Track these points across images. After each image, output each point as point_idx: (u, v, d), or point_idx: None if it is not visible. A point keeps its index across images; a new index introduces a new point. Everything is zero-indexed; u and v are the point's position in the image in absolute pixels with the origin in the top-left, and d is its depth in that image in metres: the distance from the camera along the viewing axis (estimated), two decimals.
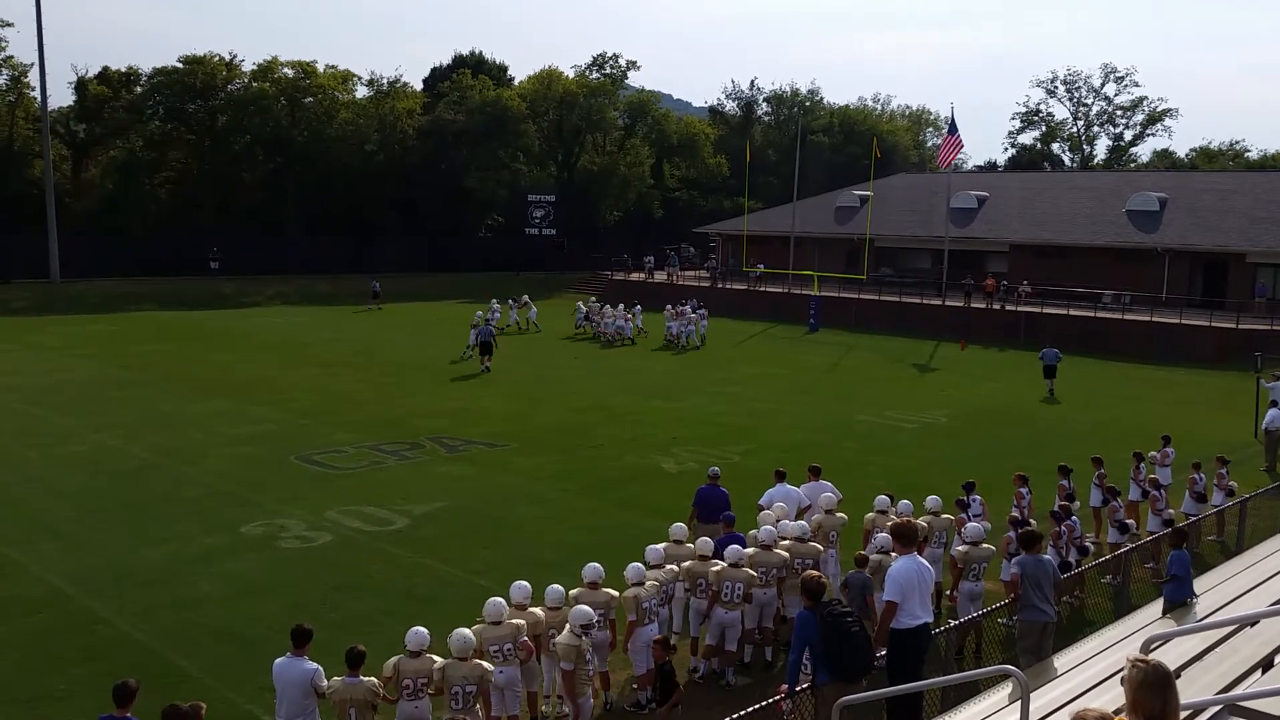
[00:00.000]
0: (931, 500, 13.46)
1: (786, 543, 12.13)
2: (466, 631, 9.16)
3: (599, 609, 10.26)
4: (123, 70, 65.22)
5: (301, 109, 67.77)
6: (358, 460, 21.09)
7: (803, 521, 12.84)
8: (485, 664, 9.01)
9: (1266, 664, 6.93)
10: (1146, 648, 5.24)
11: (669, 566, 11.61)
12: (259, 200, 65.94)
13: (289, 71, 67.72)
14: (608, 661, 10.75)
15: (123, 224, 60.84)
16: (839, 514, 13.40)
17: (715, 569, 11.44)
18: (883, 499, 13.28)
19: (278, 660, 8.88)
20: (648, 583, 10.79)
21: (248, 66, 66.93)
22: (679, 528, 12.66)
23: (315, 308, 52.48)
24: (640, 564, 11.03)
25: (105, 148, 64.01)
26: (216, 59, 65.66)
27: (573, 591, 10.47)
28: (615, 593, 10.59)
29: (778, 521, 12.72)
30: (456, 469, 20.71)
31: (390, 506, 17.70)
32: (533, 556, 15.19)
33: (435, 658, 9.01)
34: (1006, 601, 10.88)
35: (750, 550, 11.74)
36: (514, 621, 9.70)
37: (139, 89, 65.07)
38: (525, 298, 47.40)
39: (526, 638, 9.66)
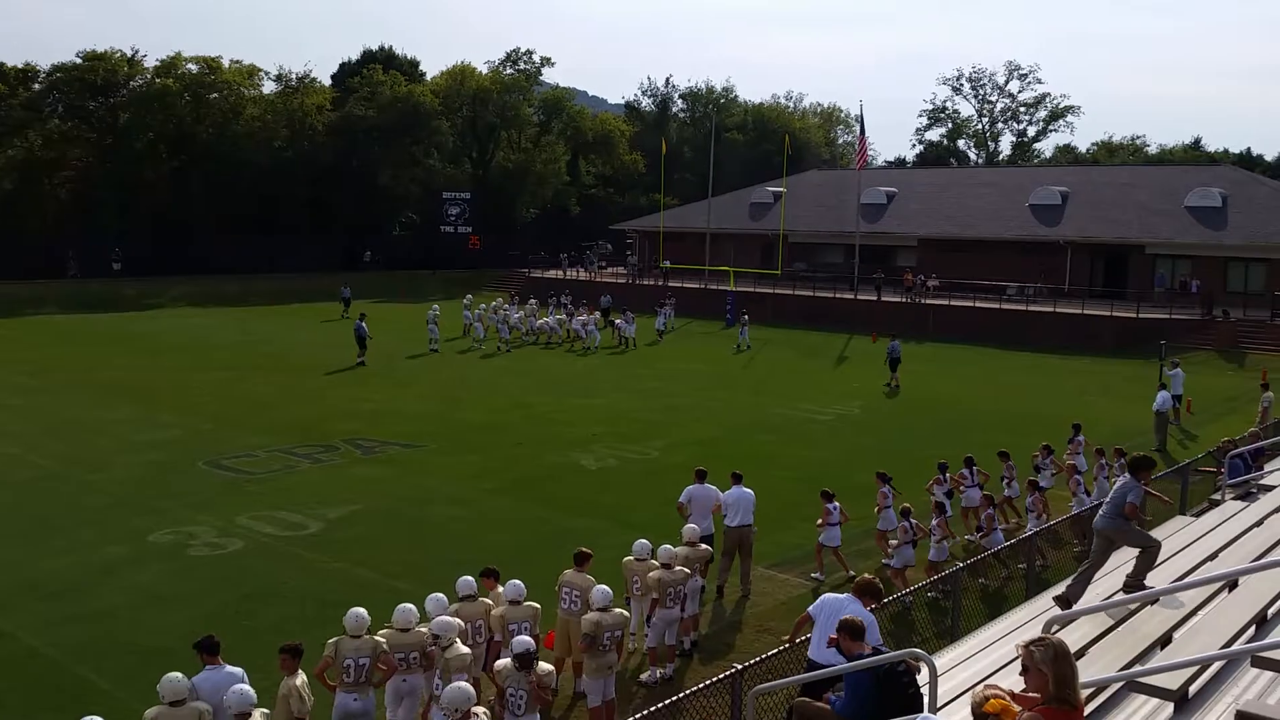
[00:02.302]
0: (663, 550, 11.86)
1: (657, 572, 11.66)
2: (360, 611, 9.34)
3: (524, 621, 10.13)
4: (19, 67, 62.85)
5: (206, 105, 66.08)
6: (269, 464, 20.66)
7: (667, 546, 12.07)
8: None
9: (1166, 640, 7.20)
10: (1049, 628, 5.40)
11: (679, 568, 11.63)
12: (163, 199, 64.10)
13: (193, 67, 66.00)
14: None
15: (21, 225, 58.65)
16: (704, 546, 12.88)
17: (655, 574, 11.46)
18: (642, 544, 11.97)
19: (198, 676, 8.58)
20: (524, 603, 10.42)
21: (150, 62, 65.14)
22: (691, 529, 12.78)
23: (223, 309, 51.24)
24: (519, 582, 10.54)
25: (2, 147, 61.60)
26: (118, 55, 63.68)
27: (452, 606, 10.19)
28: (538, 606, 10.39)
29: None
30: (373, 470, 20.43)
31: (304, 511, 17.37)
32: (451, 557, 15.02)
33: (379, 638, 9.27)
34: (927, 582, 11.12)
35: (655, 574, 11.49)
36: (421, 629, 9.60)
37: (37, 86, 62.79)
38: (533, 302, 46.32)
39: (432, 648, 9.53)
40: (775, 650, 8.76)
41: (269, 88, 70.99)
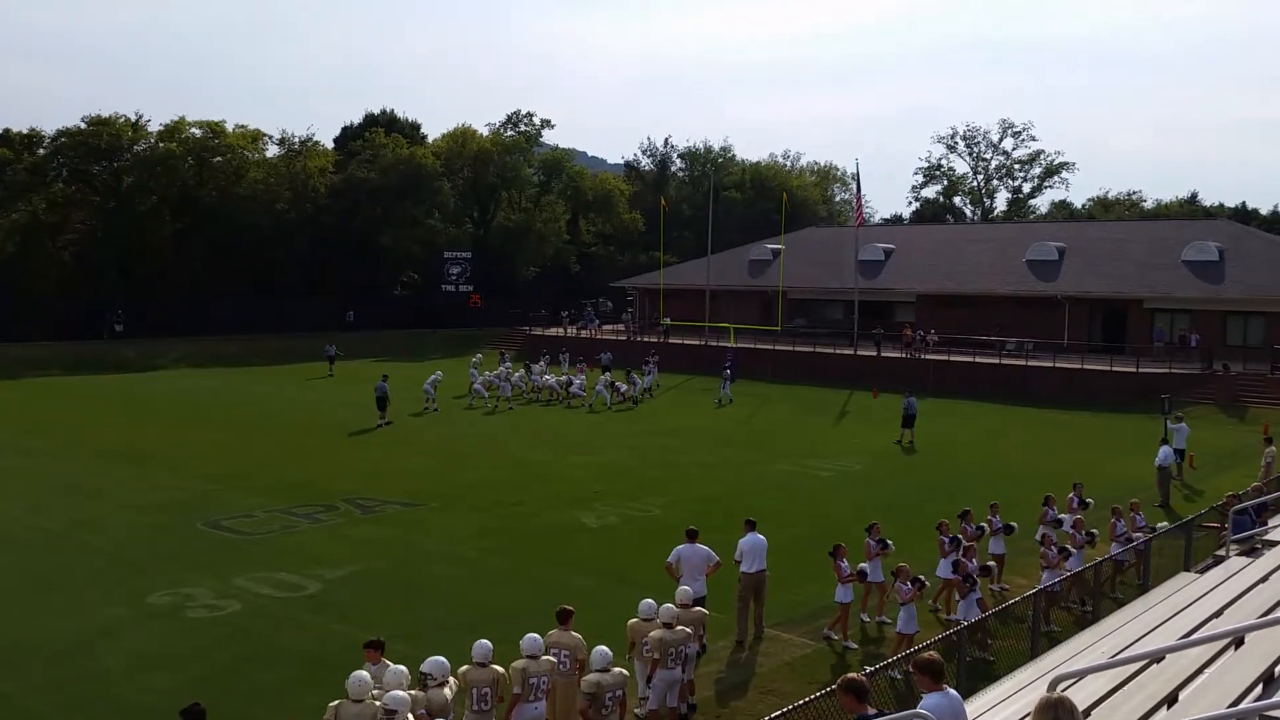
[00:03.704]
0: (666, 609, 11.71)
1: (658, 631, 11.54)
2: (363, 674, 9.26)
3: (485, 685, 9.94)
4: (25, 132, 63.61)
5: (210, 169, 66.76)
6: (268, 525, 20.56)
7: (670, 605, 11.97)
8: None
9: (1172, 700, 7.11)
10: (1054, 686, 5.35)
11: (680, 628, 11.51)
12: (166, 261, 64.52)
13: (197, 131, 66.73)
14: None
15: (25, 288, 58.95)
16: (697, 609, 12.75)
17: (656, 634, 11.35)
18: (648, 604, 11.81)
19: None
20: (542, 657, 10.34)
21: (154, 126, 65.87)
22: (684, 591, 12.66)
23: (224, 369, 51.34)
24: (537, 636, 10.42)
25: (6, 211, 62.09)
26: (122, 120, 64.42)
27: (461, 669, 10.06)
28: (501, 669, 10.12)
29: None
30: (372, 530, 20.32)
31: (303, 572, 17.25)
32: (451, 620, 14.92)
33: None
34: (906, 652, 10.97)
35: (656, 634, 11.41)
36: (411, 693, 9.45)
37: (42, 151, 63.50)
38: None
39: (423, 710, 9.40)
40: (780, 711, 8.65)
41: (272, 151, 71.86)
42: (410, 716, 8.82)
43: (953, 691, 7.31)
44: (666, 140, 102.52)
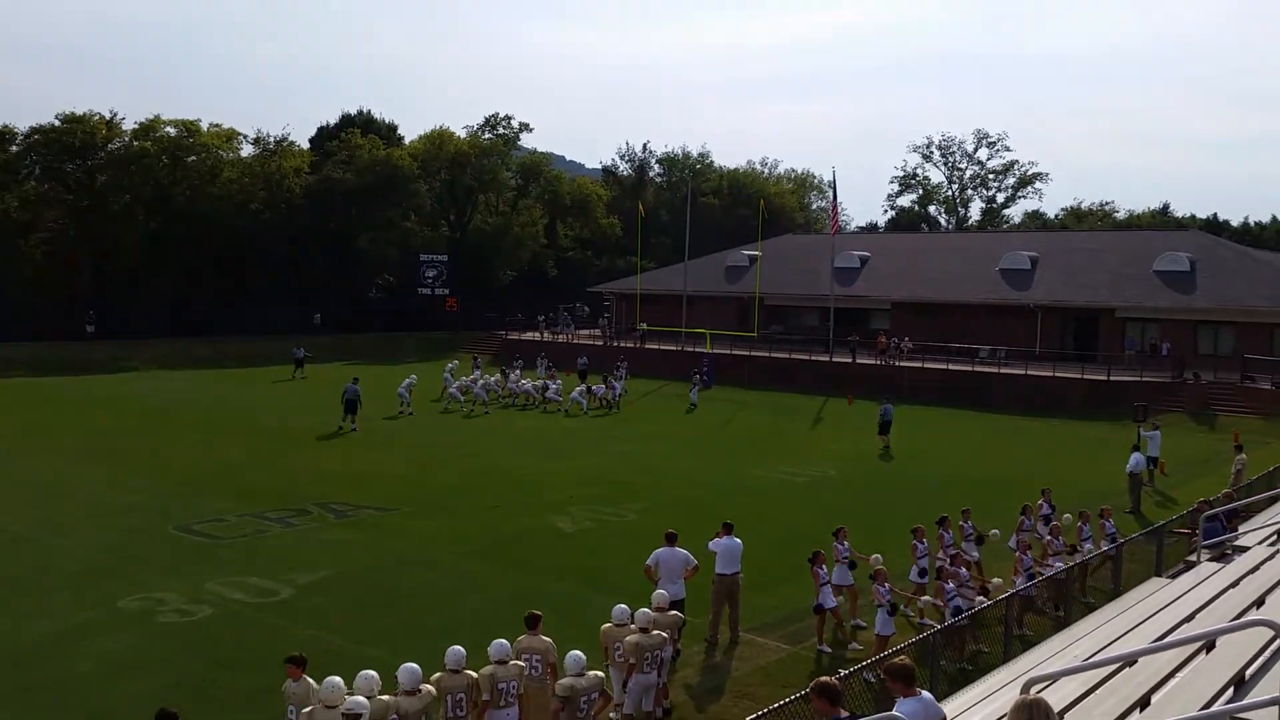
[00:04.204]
0: (641, 614, 11.68)
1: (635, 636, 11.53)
2: (336, 680, 9.17)
3: (459, 692, 9.86)
4: None
5: (184, 168, 66.17)
6: (240, 529, 20.38)
7: (645, 610, 11.97)
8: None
9: (1144, 703, 7.16)
10: (1027, 689, 5.38)
11: (656, 632, 11.50)
12: (138, 261, 63.95)
13: (171, 130, 66.16)
14: None
15: None
16: (673, 612, 12.78)
17: (632, 639, 11.34)
18: (621, 609, 11.82)
19: None
20: (511, 662, 10.32)
21: (129, 125, 65.30)
22: (660, 595, 12.62)
23: (196, 371, 50.91)
24: (504, 641, 10.43)
25: None
26: (96, 118, 63.84)
27: (435, 675, 9.96)
28: (475, 674, 10.06)
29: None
30: (345, 535, 20.19)
31: (275, 576, 17.11)
32: (425, 623, 14.84)
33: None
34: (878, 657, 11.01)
35: (632, 639, 11.37)
36: (383, 698, 9.39)
37: (14, 148, 62.76)
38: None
39: (395, 716, 9.33)
40: (754, 715, 8.66)
41: (247, 151, 71.34)
42: None
43: (927, 695, 7.34)
44: (645, 146, 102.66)
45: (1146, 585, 12.14)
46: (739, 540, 14.88)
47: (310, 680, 9.66)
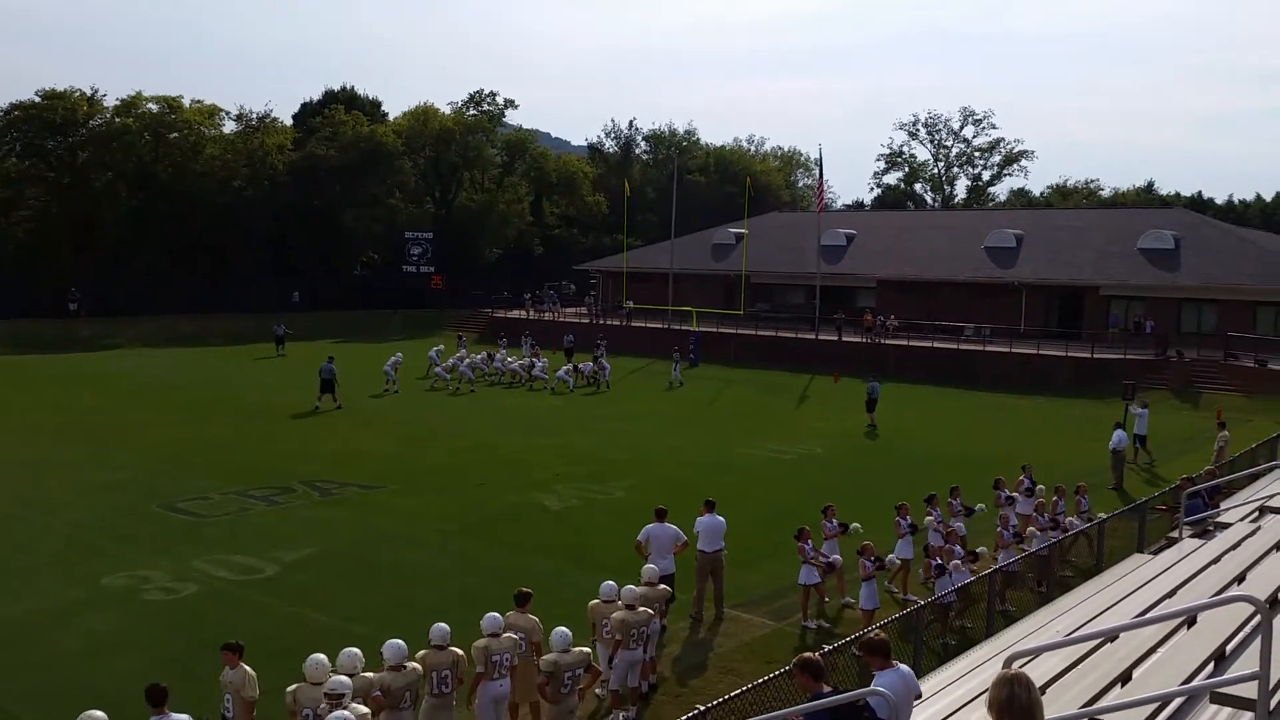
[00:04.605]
0: (627, 590, 11.84)
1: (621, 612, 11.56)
2: (320, 657, 9.17)
3: (444, 668, 9.89)
4: None
5: (166, 145, 65.65)
6: (224, 507, 20.33)
7: (631, 587, 12.06)
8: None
9: (1125, 678, 7.21)
10: (1009, 664, 5.40)
11: (642, 609, 11.55)
12: (121, 239, 63.47)
13: (153, 106, 65.57)
14: None
15: None
16: (662, 586, 12.87)
17: (618, 615, 11.36)
18: (608, 586, 11.92)
19: None
20: (503, 635, 10.38)
21: (110, 101, 64.67)
22: (650, 569, 12.67)
23: (180, 349, 50.64)
24: (497, 614, 10.50)
25: None
26: (78, 94, 63.18)
27: (420, 653, 9.98)
28: (460, 651, 10.07)
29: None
30: (330, 513, 20.16)
31: (260, 554, 17.09)
32: (410, 600, 14.85)
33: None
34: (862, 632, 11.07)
35: (618, 615, 11.41)
36: (367, 675, 9.41)
37: None
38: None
39: (378, 693, 9.35)
40: (738, 691, 8.70)
41: (229, 127, 70.75)
42: (357, 703, 8.72)
43: (904, 667, 7.43)
44: (631, 123, 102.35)
45: (1129, 561, 12.23)
46: (722, 518, 14.93)
47: (247, 668, 9.43)
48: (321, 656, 9.20)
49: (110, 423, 29.63)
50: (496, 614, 10.49)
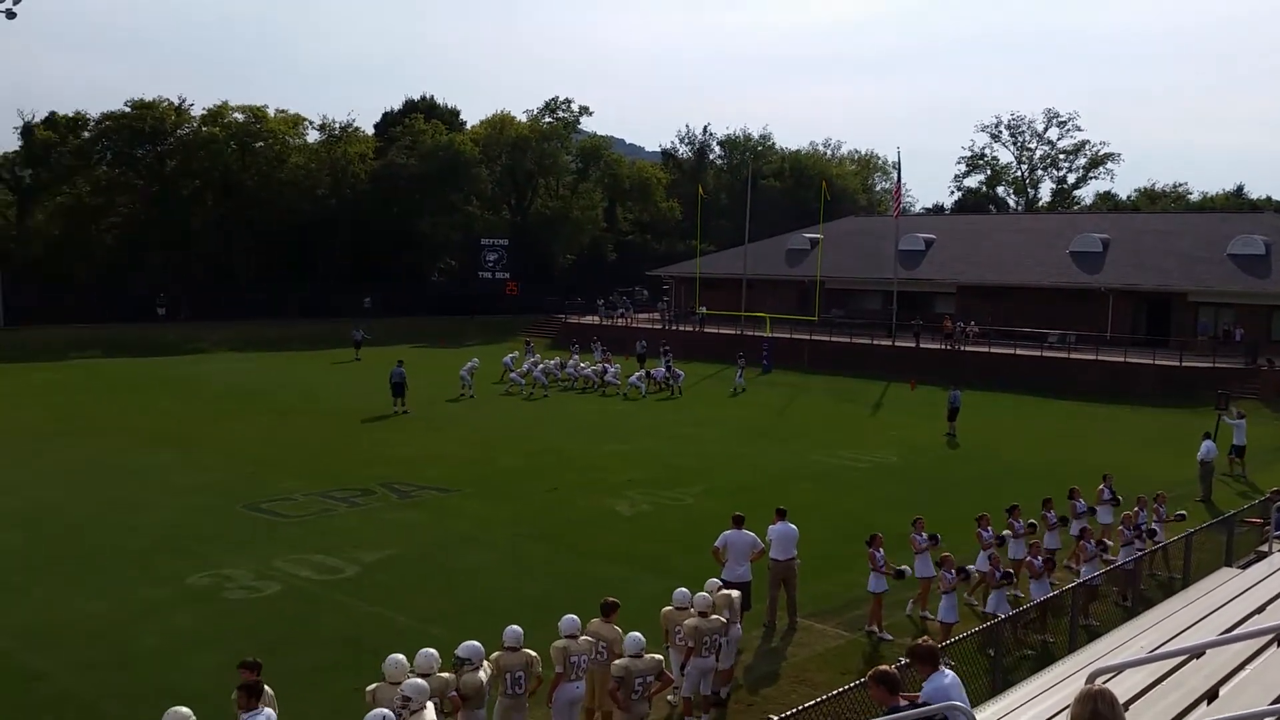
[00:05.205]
0: (700, 598, 11.77)
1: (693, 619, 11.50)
2: (399, 657, 9.29)
3: (518, 669, 9.97)
4: (70, 115, 64.62)
5: (252, 153, 67.46)
6: (306, 508, 20.77)
7: (704, 594, 11.99)
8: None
9: (1211, 695, 7.01)
10: (1092, 680, 5.28)
11: (715, 616, 11.54)
12: (207, 245, 65.39)
13: (239, 116, 67.47)
14: None
15: (69, 270, 59.97)
16: (725, 591, 12.63)
17: (690, 622, 11.35)
18: (681, 593, 11.83)
19: None
20: (581, 637, 10.43)
21: (197, 111, 66.73)
22: (712, 581, 12.60)
23: (264, 354, 51.90)
24: (575, 617, 10.57)
25: (52, 193, 63.16)
26: (166, 104, 65.31)
27: (493, 654, 10.06)
28: (533, 653, 10.14)
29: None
30: (408, 515, 20.47)
31: (340, 555, 17.42)
32: (484, 605, 15.01)
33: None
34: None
35: (691, 622, 11.39)
36: (443, 675, 9.53)
37: (86, 134, 64.45)
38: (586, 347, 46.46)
39: (455, 692, 9.46)
40: (813, 701, 8.62)
41: (313, 136, 72.53)
42: (429, 705, 8.82)
43: (949, 671, 7.34)
44: (705, 128, 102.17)
45: (1216, 575, 11.88)
46: (794, 526, 14.84)
47: (270, 711, 8.77)
48: (400, 656, 9.34)
49: (195, 425, 30.46)
50: (574, 616, 10.56)
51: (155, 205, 64.32)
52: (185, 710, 8.02)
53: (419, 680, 8.95)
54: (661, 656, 10.76)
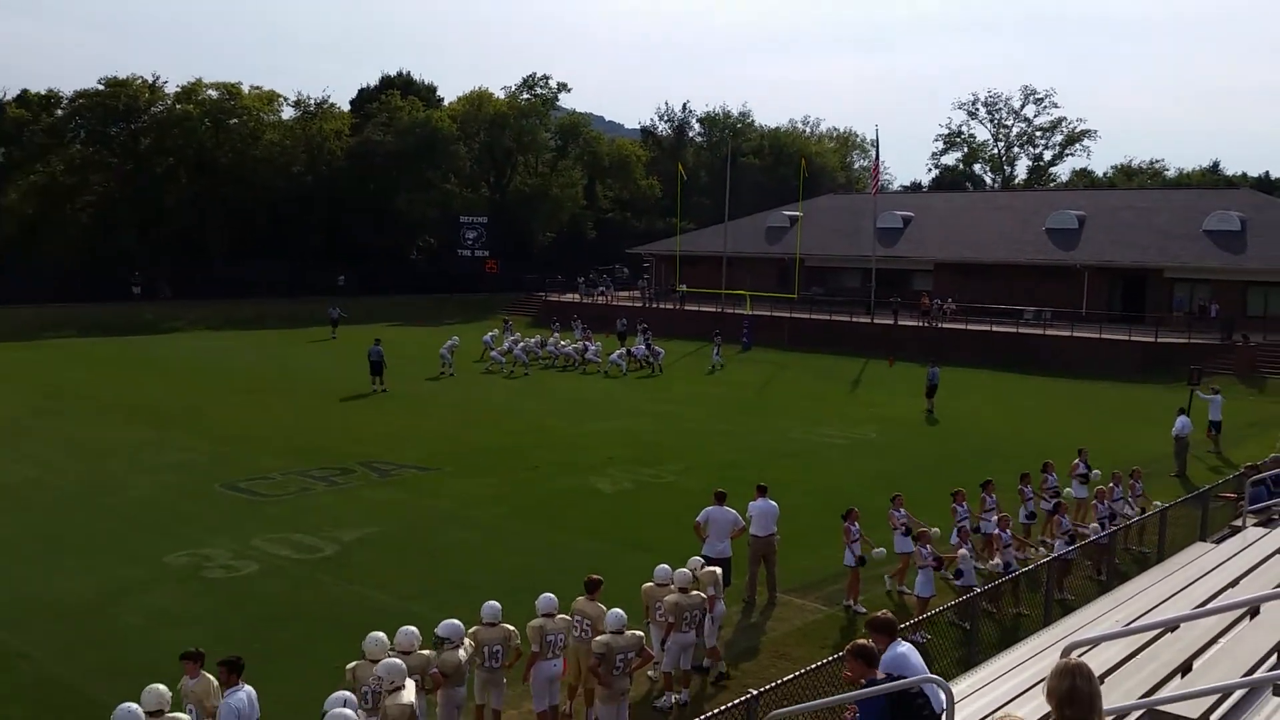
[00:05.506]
0: (680, 574, 11.77)
1: (674, 596, 11.55)
2: (379, 635, 9.28)
3: (495, 643, 10.10)
4: (43, 93, 63.74)
5: (226, 130, 66.79)
6: (285, 487, 20.69)
7: (685, 570, 12.03)
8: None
9: (1185, 668, 7.10)
10: (1068, 653, 5.34)
11: (695, 592, 11.61)
12: (182, 223, 64.75)
13: (213, 93, 66.72)
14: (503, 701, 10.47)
15: (43, 249, 59.28)
16: (708, 568, 12.66)
17: (671, 598, 11.41)
18: (663, 569, 11.87)
19: (229, 699, 8.55)
20: (558, 616, 10.50)
21: (171, 88, 65.96)
22: (695, 560, 12.68)
23: (240, 332, 51.57)
24: (552, 595, 10.61)
25: (25, 172, 62.33)
26: (139, 81, 64.51)
27: (471, 629, 10.15)
28: (511, 627, 10.30)
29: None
30: (388, 494, 20.44)
31: (319, 533, 17.37)
32: (466, 580, 15.02)
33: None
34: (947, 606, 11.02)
35: (671, 598, 11.45)
36: (423, 653, 9.58)
37: (60, 112, 63.62)
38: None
39: (436, 669, 9.51)
40: (792, 675, 8.69)
41: (288, 113, 71.81)
42: (410, 682, 8.82)
43: (905, 642, 7.43)
44: (685, 105, 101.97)
45: (1190, 550, 12.02)
46: (774, 502, 14.89)
47: (209, 676, 9.06)
48: (380, 634, 9.36)
49: (172, 404, 30.27)
50: (551, 595, 10.59)
51: (129, 183, 63.61)
52: (162, 688, 8.04)
53: (394, 660, 8.95)
54: (642, 633, 10.81)
